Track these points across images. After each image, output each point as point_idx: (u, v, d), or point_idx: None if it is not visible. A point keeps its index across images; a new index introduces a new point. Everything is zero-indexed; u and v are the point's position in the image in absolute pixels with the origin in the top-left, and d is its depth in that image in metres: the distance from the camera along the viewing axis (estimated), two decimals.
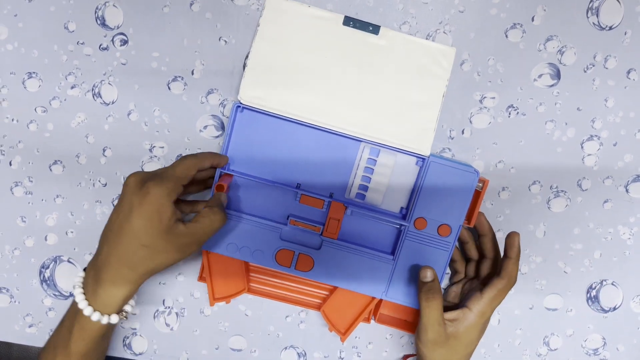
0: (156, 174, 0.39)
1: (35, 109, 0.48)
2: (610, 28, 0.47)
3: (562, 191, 0.49)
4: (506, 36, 0.47)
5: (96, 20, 0.47)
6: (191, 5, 0.46)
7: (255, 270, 0.50)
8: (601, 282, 0.51)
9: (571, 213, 0.50)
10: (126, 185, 0.39)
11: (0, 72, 0.47)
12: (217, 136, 0.48)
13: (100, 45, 0.47)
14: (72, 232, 0.50)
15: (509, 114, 0.48)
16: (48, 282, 0.51)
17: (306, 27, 0.45)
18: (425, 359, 0.45)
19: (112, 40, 0.47)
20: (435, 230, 0.46)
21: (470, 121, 0.48)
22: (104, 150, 0.49)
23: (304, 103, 0.46)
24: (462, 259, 0.50)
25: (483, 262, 0.48)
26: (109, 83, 0.48)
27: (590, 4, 0.46)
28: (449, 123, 0.48)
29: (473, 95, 0.48)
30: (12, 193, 0.49)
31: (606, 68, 0.47)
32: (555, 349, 0.52)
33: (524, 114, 0.48)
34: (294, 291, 0.50)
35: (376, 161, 0.46)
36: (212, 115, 0.48)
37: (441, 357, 0.44)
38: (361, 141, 0.46)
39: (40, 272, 0.50)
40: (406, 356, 0.52)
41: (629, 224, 0.50)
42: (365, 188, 0.47)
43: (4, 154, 0.49)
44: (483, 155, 0.49)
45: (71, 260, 0.50)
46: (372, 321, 0.50)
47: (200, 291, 0.52)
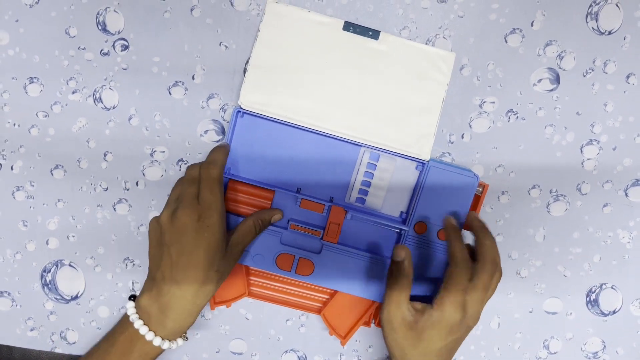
0: (205, 206, 0.41)
1: (36, 114, 0.48)
2: (609, 33, 0.47)
3: (562, 195, 0.50)
4: (506, 41, 0.47)
5: (97, 25, 0.47)
6: (192, 10, 0.46)
7: (255, 274, 0.50)
8: (601, 286, 0.51)
9: (571, 217, 0.50)
10: (180, 223, 0.40)
11: (1, 77, 0.47)
12: (218, 141, 0.48)
13: (101, 50, 0.47)
14: (74, 236, 0.50)
15: (509, 119, 0.48)
16: (49, 286, 0.51)
17: (306, 32, 0.45)
18: (386, 342, 0.43)
19: (113, 45, 0.47)
20: (435, 234, 0.47)
21: (470, 126, 0.48)
22: (105, 154, 0.49)
23: (304, 108, 0.46)
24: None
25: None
26: (110, 88, 0.48)
27: (589, 9, 0.46)
28: (449, 127, 0.48)
29: (473, 99, 0.48)
30: (14, 197, 0.49)
31: (605, 73, 0.47)
32: (555, 353, 0.52)
33: (524, 119, 0.48)
34: (295, 295, 0.50)
35: (376, 165, 0.46)
36: (213, 119, 0.48)
37: (398, 346, 0.42)
38: (361, 146, 0.46)
39: (41, 276, 0.51)
40: None
41: (629, 228, 0.50)
42: (365, 192, 0.47)
43: (6, 159, 0.49)
44: (483, 159, 0.49)
45: (72, 264, 0.50)
46: (372, 325, 0.50)
47: None
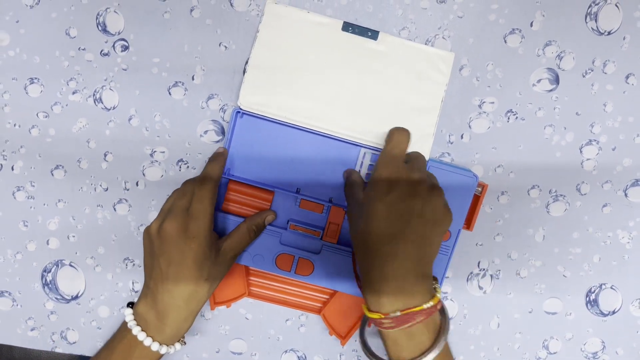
0: (192, 216, 0.41)
1: (37, 114, 0.48)
2: (609, 33, 0.47)
3: (561, 195, 0.50)
4: (505, 41, 0.47)
5: (97, 26, 0.47)
6: (191, 11, 0.46)
7: (255, 274, 0.50)
8: (600, 286, 0.51)
9: (570, 217, 0.50)
10: (166, 234, 0.40)
11: (2, 78, 0.48)
12: (218, 141, 0.49)
13: (101, 51, 0.47)
14: (74, 237, 0.50)
15: (508, 119, 0.48)
16: (50, 286, 0.51)
17: (305, 33, 0.45)
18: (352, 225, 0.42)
19: (113, 46, 0.47)
20: None
21: (469, 126, 0.48)
22: (105, 155, 0.49)
23: (304, 108, 0.46)
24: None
25: None
26: (110, 88, 0.48)
27: (589, 9, 0.46)
28: (448, 128, 0.48)
29: (472, 100, 0.48)
30: (14, 197, 0.50)
31: (605, 73, 0.47)
32: (554, 353, 0.52)
33: (523, 119, 0.48)
34: (294, 295, 0.51)
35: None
36: (213, 120, 0.48)
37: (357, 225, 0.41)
38: (361, 146, 0.46)
39: (42, 276, 0.51)
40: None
41: (628, 228, 0.50)
42: None
43: (6, 159, 0.49)
44: (482, 159, 0.49)
45: (73, 264, 0.51)
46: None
47: None
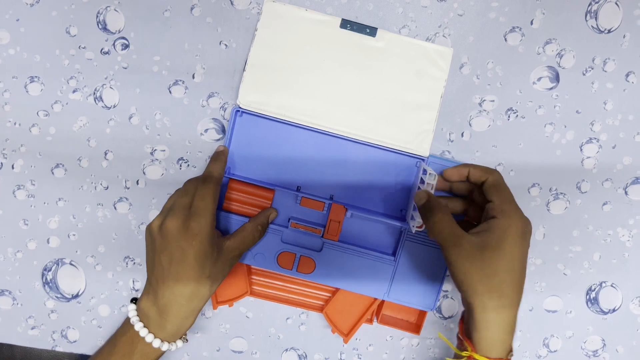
0: (194, 214, 0.40)
1: (37, 113, 0.48)
2: (609, 31, 0.47)
3: (562, 193, 0.50)
4: (505, 39, 0.47)
5: (97, 24, 0.47)
6: (192, 9, 0.46)
7: (257, 273, 0.50)
8: (600, 284, 0.51)
9: (570, 215, 0.50)
10: (168, 232, 0.40)
11: (2, 77, 0.47)
12: (218, 139, 0.49)
13: (101, 49, 0.47)
14: (74, 235, 0.50)
15: (508, 117, 0.48)
16: (50, 285, 0.51)
17: (304, 31, 0.46)
18: (458, 275, 0.39)
19: (114, 44, 0.47)
20: None
21: (469, 124, 0.48)
22: (106, 153, 0.49)
23: (303, 106, 0.46)
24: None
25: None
26: (111, 87, 0.48)
27: (589, 7, 0.46)
28: (449, 126, 0.48)
29: (472, 98, 0.48)
30: (15, 196, 0.49)
31: (605, 71, 0.47)
32: (554, 351, 0.52)
33: (523, 117, 0.48)
34: (296, 293, 0.51)
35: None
36: (213, 118, 0.48)
37: (477, 271, 0.38)
38: (360, 143, 0.46)
39: (42, 275, 0.51)
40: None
41: (628, 226, 0.50)
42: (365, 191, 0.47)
43: (7, 158, 0.49)
44: (482, 158, 0.49)
45: (73, 262, 0.51)
46: (375, 322, 0.50)
47: None
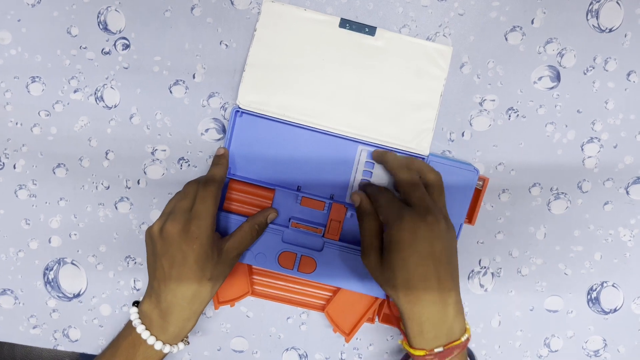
0: (194, 217, 0.41)
1: (38, 113, 0.48)
2: (610, 30, 0.47)
3: (563, 193, 0.49)
4: (506, 39, 0.47)
5: (98, 25, 0.47)
6: (192, 9, 0.47)
7: (258, 273, 0.50)
8: (602, 284, 0.51)
9: (571, 215, 0.50)
10: (168, 235, 0.40)
11: (4, 77, 0.48)
12: (219, 139, 0.49)
13: (102, 49, 0.47)
14: (76, 234, 0.50)
15: (509, 117, 0.48)
16: (52, 284, 0.51)
17: (303, 31, 0.46)
18: (374, 278, 0.42)
19: (114, 44, 0.47)
20: None
21: (470, 124, 0.48)
22: (107, 153, 0.49)
23: (303, 106, 0.46)
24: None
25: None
26: (112, 87, 0.48)
27: (590, 6, 0.46)
28: (449, 125, 0.48)
29: (473, 97, 0.48)
30: (17, 196, 0.50)
31: (606, 70, 0.47)
32: (555, 351, 0.52)
33: (524, 117, 0.48)
34: (298, 293, 0.51)
35: (374, 164, 0.47)
36: (214, 118, 0.48)
37: (380, 276, 0.41)
38: (360, 143, 0.46)
39: (44, 274, 0.51)
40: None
41: (630, 226, 0.50)
42: None
43: (8, 157, 0.49)
44: (483, 157, 0.49)
45: (75, 262, 0.51)
46: (376, 321, 0.50)
47: None
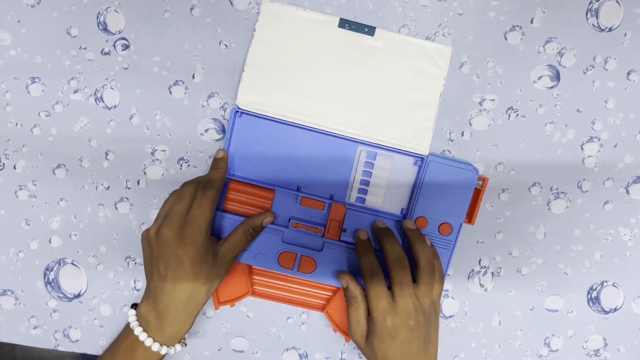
0: (189, 222, 0.41)
1: (38, 114, 0.48)
2: (610, 29, 0.47)
3: (563, 193, 0.49)
4: (505, 38, 0.47)
5: (98, 25, 0.47)
6: (192, 10, 0.47)
7: (258, 273, 0.50)
8: (602, 284, 0.51)
9: (571, 214, 0.50)
10: (164, 239, 0.41)
11: (4, 78, 0.48)
12: (218, 139, 0.49)
13: (102, 50, 0.47)
14: (76, 235, 0.50)
15: (509, 116, 0.48)
16: (52, 284, 0.51)
17: (302, 31, 0.46)
18: (363, 352, 0.45)
19: (114, 45, 0.47)
20: (436, 229, 0.47)
21: (469, 123, 0.48)
22: (107, 153, 0.49)
23: (302, 106, 0.46)
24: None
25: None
26: (111, 87, 0.48)
27: (589, 6, 0.46)
28: (449, 125, 0.48)
29: (472, 97, 0.48)
30: (17, 196, 0.50)
31: (606, 69, 0.47)
32: (556, 350, 0.52)
33: (524, 116, 0.48)
34: (298, 293, 0.51)
35: (374, 164, 0.47)
36: (213, 118, 0.48)
37: (368, 356, 0.44)
38: (359, 143, 0.46)
39: (44, 274, 0.51)
40: None
41: (630, 225, 0.50)
42: (365, 192, 0.47)
43: (8, 158, 0.49)
44: (483, 157, 0.49)
45: (75, 262, 0.51)
46: None
47: None
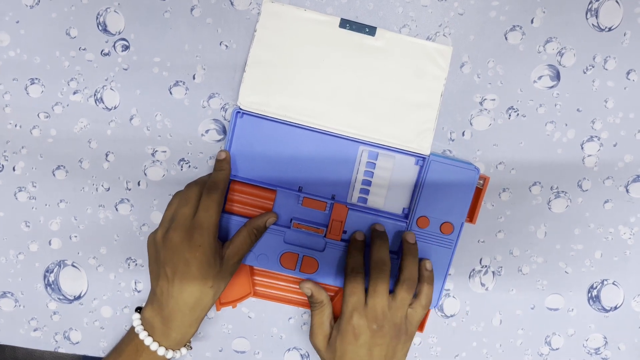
0: (197, 225, 0.41)
1: (38, 115, 0.48)
2: (609, 29, 0.47)
3: (563, 192, 0.50)
4: (506, 38, 0.47)
5: (97, 26, 0.47)
6: (192, 10, 0.46)
7: (260, 274, 0.50)
8: (602, 282, 0.51)
9: (572, 213, 0.50)
10: (172, 243, 0.41)
11: (3, 79, 0.47)
12: (219, 140, 0.49)
13: (101, 50, 0.47)
14: (76, 237, 0.50)
15: (509, 116, 0.48)
16: (52, 286, 0.51)
17: (303, 31, 0.45)
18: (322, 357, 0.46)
19: (114, 45, 0.47)
20: (437, 228, 0.47)
21: (470, 123, 0.48)
22: (107, 155, 0.49)
23: (304, 107, 0.46)
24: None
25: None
26: (111, 88, 0.48)
27: (589, 6, 0.46)
28: (450, 125, 0.48)
29: (473, 97, 0.48)
30: (16, 198, 0.49)
31: (606, 69, 0.47)
32: (556, 349, 0.52)
33: (524, 116, 0.48)
34: (299, 293, 0.51)
35: (375, 164, 0.47)
36: (214, 119, 0.48)
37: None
38: (360, 143, 0.46)
39: (44, 276, 0.51)
40: None
41: (630, 224, 0.50)
42: (366, 192, 0.47)
43: (8, 160, 0.49)
44: (483, 156, 0.49)
45: (75, 264, 0.51)
46: None
47: None
